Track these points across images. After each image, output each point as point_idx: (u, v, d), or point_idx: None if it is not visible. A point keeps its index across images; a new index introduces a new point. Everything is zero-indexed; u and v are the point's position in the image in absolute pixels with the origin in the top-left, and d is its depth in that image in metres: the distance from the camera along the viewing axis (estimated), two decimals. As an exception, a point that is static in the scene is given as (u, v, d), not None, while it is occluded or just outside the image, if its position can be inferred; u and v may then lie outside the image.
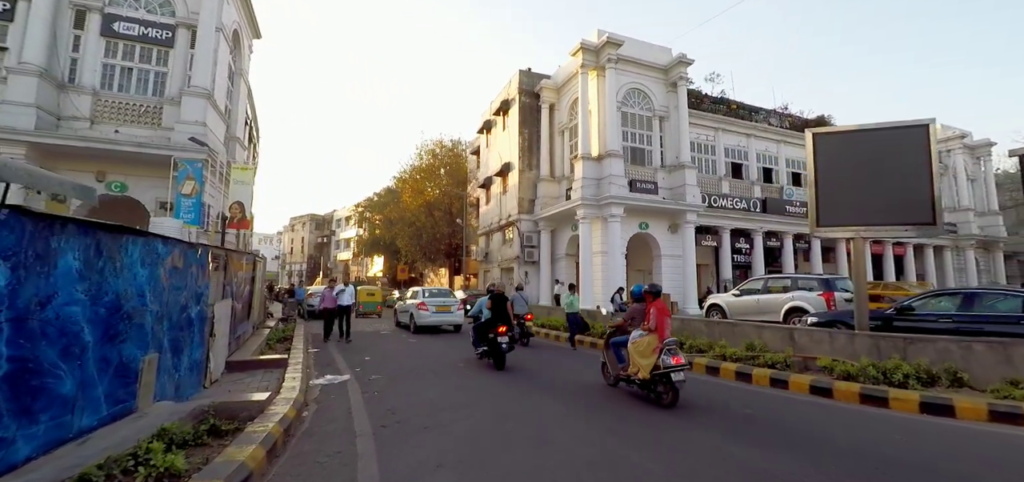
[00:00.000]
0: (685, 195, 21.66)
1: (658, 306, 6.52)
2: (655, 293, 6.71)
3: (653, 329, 6.40)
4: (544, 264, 24.55)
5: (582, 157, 21.05)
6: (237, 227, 13.02)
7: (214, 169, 14.22)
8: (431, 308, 15.05)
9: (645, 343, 6.41)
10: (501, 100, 27.91)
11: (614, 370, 7.14)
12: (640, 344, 6.48)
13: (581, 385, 7.40)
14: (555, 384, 7.46)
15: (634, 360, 6.52)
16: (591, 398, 6.62)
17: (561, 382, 7.63)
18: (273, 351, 9.10)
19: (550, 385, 7.37)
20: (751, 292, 13.95)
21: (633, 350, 6.59)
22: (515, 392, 6.86)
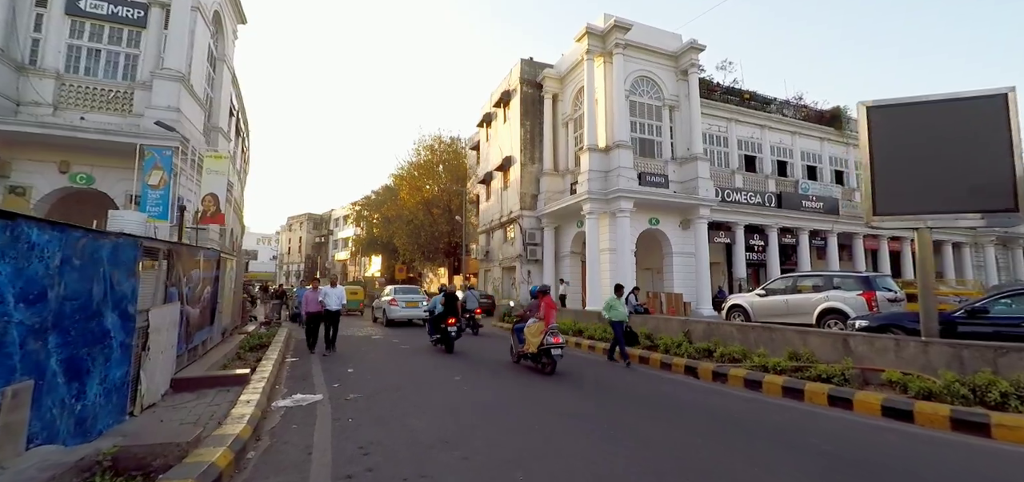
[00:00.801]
0: (697, 189, 20.39)
1: (547, 301, 8.95)
2: (544, 291, 9.39)
3: (541, 318, 8.77)
4: (548, 262, 23.30)
5: (588, 149, 19.79)
6: (210, 222, 11.76)
7: (188, 158, 12.96)
8: (401, 304, 16.80)
9: (536, 328, 8.71)
10: (501, 91, 26.66)
11: (516, 349, 9.29)
12: (532, 328, 8.80)
13: (501, 362, 9.74)
14: (485, 360, 10.21)
15: (528, 340, 8.74)
16: (505, 369, 8.98)
17: (489, 360, 10.18)
18: (240, 363, 7.86)
19: (482, 361, 10.11)
20: (778, 292, 12.69)
21: (527, 332, 8.84)
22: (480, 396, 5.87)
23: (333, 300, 10.51)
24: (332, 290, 10.74)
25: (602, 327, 12.33)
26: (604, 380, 8.00)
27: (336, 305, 10.52)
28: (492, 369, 8.90)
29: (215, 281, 7.78)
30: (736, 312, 13.72)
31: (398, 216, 36.06)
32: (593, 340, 11.87)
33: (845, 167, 27.75)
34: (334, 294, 10.65)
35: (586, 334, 12.43)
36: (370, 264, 54.12)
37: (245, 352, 8.84)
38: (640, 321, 11.61)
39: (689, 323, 10.37)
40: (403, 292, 17.30)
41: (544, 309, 8.80)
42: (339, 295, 11.37)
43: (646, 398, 6.65)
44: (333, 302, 10.50)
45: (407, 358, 10.08)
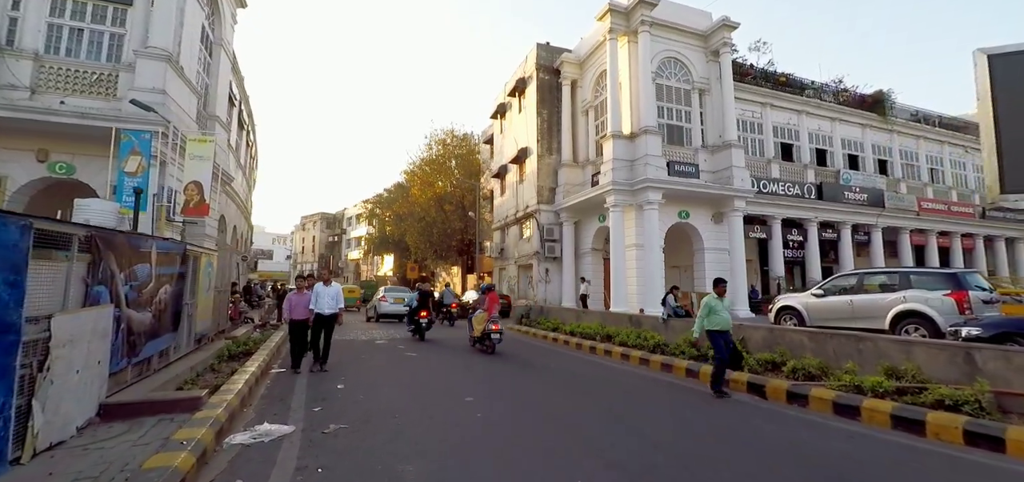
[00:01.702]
0: (732, 179, 18.65)
1: (491, 297, 11.21)
2: (489, 288, 11.67)
3: (486, 310, 11.06)
4: (567, 260, 21.75)
5: (612, 135, 18.18)
6: (193, 213, 10.53)
7: (177, 145, 11.75)
8: (389, 300, 19.62)
9: (480, 317, 11.12)
10: (516, 79, 25.18)
11: (471, 336, 11.46)
12: (478, 318, 11.23)
13: (462, 346, 11.74)
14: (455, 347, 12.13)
15: (475, 327, 11.28)
16: (464, 351, 11.04)
17: (457, 346, 12.21)
18: (212, 376, 6.53)
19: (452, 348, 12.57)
20: (840, 291, 10.97)
21: (474, 321, 11.37)
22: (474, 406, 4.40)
23: (326, 302, 7.98)
24: (325, 289, 8.05)
25: (635, 332, 10.78)
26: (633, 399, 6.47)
27: (330, 309, 8.04)
28: (454, 351, 11.20)
29: (180, 279, 6.46)
30: (787, 315, 12.03)
31: (409, 213, 34.85)
32: (626, 347, 10.33)
33: (889, 156, 25.62)
34: (328, 294, 8.04)
35: (617, 340, 10.88)
36: (382, 263, 53.16)
37: (221, 362, 7.52)
38: (681, 327, 10.03)
39: (743, 329, 8.77)
40: (392, 291, 20.51)
41: (488, 303, 11.17)
42: (334, 295, 9.65)
43: (708, 431, 5.12)
44: (326, 305, 7.98)
45: (410, 367, 8.69)
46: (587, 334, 11.93)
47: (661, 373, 8.51)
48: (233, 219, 20.63)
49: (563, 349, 11.70)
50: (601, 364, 9.50)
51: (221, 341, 9.26)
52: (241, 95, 21.75)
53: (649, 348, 9.69)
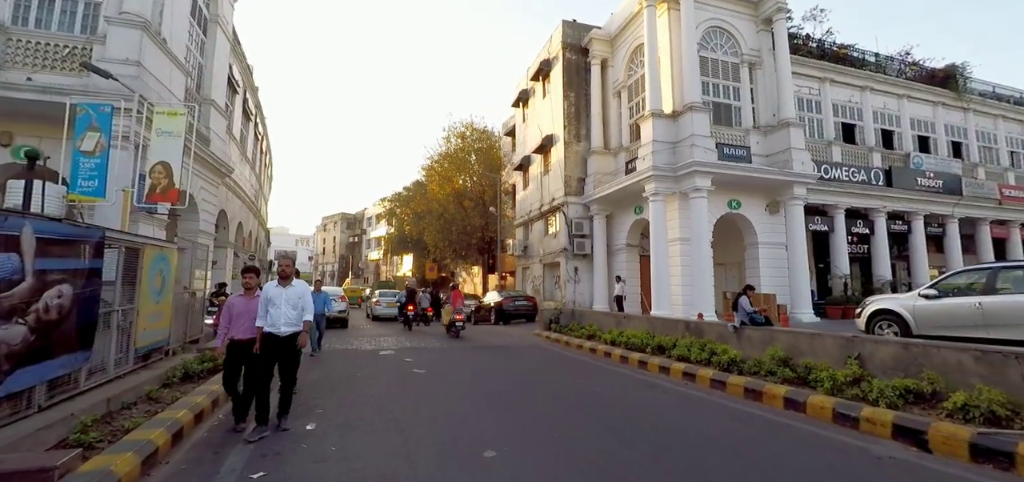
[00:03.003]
0: (791, 162, 16.20)
1: (455, 294, 14.23)
2: (454, 286, 15.57)
3: (452, 304, 13.90)
4: (598, 257, 19.60)
5: (652, 114, 15.96)
6: (159, 199, 8.86)
7: (152, 124, 10.13)
8: (383, 303, 20.46)
9: (449, 309, 13.98)
10: (540, 62, 23.14)
11: (445, 324, 14.42)
12: (446, 310, 14.55)
13: (439, 333, 14.51)
14: (435, 334, 14.91)
15: (444, 317, 14.65)
16: (440, 336, 13.76)
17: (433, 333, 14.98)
18: (131, 413, 4.74)
19: (431, 334, 14.89)
20: (964, 292, 8.56)
21: (444, 312, 15.08)
22: None
23: (285, 314, 4.80)
24: (284, 292, 4.84)
25: (696, 343, 8.62)
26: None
27: (291, 325, 4.83)
28: (437, 335, 14.18)
29: (91, 277, 4.69)
30: (882, 322, 9.66)
31: (428, 211, 33.17)
32: (688, 363, 8.19)
33: (964, 137, 22.59)
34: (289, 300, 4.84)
35: (675, 353, 8.74)
36: (401, 263, 51.85)
37: (164, 388, 5.72)
38: (760, 338, 7.83)
39: (856, 342, 6.54)
40: (384, 295, 21.69)
41: (454, 299, 13.88)
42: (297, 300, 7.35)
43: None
44: (285, 318, 4.80)
45: (416, 394, 6.78)
46: (633, 345, 9.81)
47: (746, 402, 6.36)
48: (237, 215, 19.21)
49: (603, 363, 9.60)
50: (657, 385, 7.38)
51: (190, 353, 7.51)
52: (246, 83, 20.35)
53: (722, 366, 7.54)
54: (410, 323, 15.53)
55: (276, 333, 4.77)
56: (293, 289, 4.92)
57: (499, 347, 11.74)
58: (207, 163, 14.15)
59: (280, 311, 4.80)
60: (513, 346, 12.00)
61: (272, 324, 4.77)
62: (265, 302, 4.83)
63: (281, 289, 4.87)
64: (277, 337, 4.78)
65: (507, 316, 18.26)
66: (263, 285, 5.07)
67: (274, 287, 4.89)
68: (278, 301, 4.81)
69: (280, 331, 4.77)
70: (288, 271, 4.94)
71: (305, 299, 4.98)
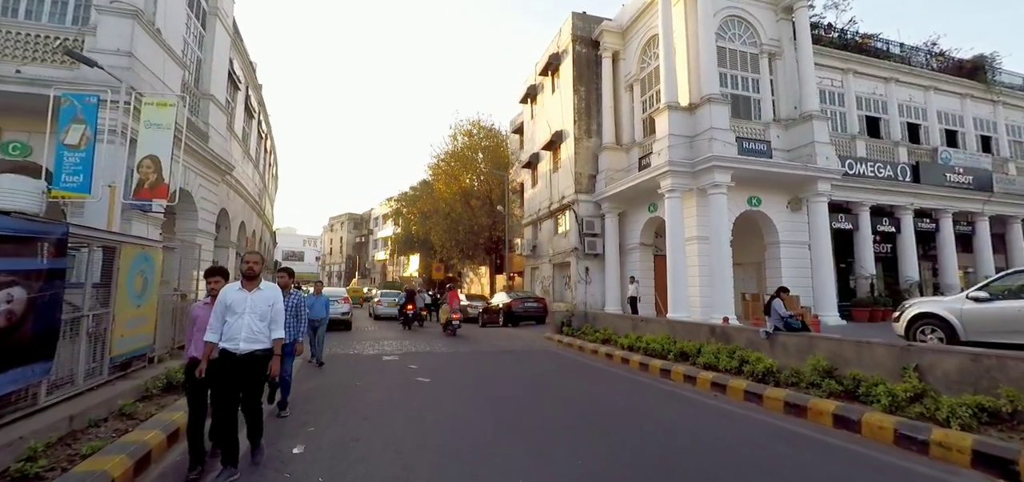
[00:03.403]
0: (814, 156, 15.41)
1: (452, 295, 15.24)
2: (451, 288, 17.06)
3: (449, 304, 14.74)
4: (610, 257, 18.91)
5: (668, 107, 15.25)
6: (147, 195, 8.33)
7: (134, 113, 9.59)
8: (384, 302, 21.26)
9: (446, 309, 14.76)
10: (549, 56, 22.48)
11: (442, 323, 15.37)
12: (444, 310, 15.20)
13: (436, 332, 15.39)
14: (431, 333, 15.67)
15: (442, 316, 15.52)
16: (445, 339, 13.64)
17: (433, 333, 15.66)
18: (96, 431, 4.18)
19: (433, 335, 15.23)
20: (1020, 294, 7.82)
21: (441, 312, 15.78)
22: None
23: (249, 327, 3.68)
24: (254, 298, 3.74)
25: (724, 350, 7.92)
26: None
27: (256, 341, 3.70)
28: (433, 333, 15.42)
29: (51, 278, 4.13)
30: (925, 327, 8.92)
31: (434, 210, 32.61)
32: (717, 371, 7.52)
33: (993, 131, 21.60)
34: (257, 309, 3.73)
35: (700, 361, 8.07)
36: (408, 264, 51.41)
37: (141, 402, 5.16)
38: (797, 346, 7.12)
39: (913, 352, 5.83)
40: (386, 295, 22.36)
41: (450, 300, 14.84)
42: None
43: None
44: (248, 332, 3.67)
45: (420, 404, 6.18)
46: (654, 351, 9.13)
47: (787, 418, 5.68)
48: (239, 214, 18.75)
49: (621, 370, 8.94)
50: (684, 397, 6.72)
51: (178, 360, 6.96)
52: (248, 80, 19.90)
53: (756, 376, 6.85)
54: (409, 323, 16.33)
55: (233, 351, 3.61)
56: (261, 294, 3.74)
57: (508, 352, 11.11)
58: (206, 160, 13.68)
59: (241, 322, 3.62)
60: (523, 350, 11.37)
61: (229, 338, 3.61)
62: (221, 309, 3.67)
63: (244, 294, 3.70)
64: (234, 356, 3.61)
65: (516, 318, 17.63)
66: None
67: (235, 290, 3.72)
68: (239, 308, 3.65)
69: (238, 348, 3.61)
70: (254, 270, 3.77)
71: (276, 308, 3.79)
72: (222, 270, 4.23)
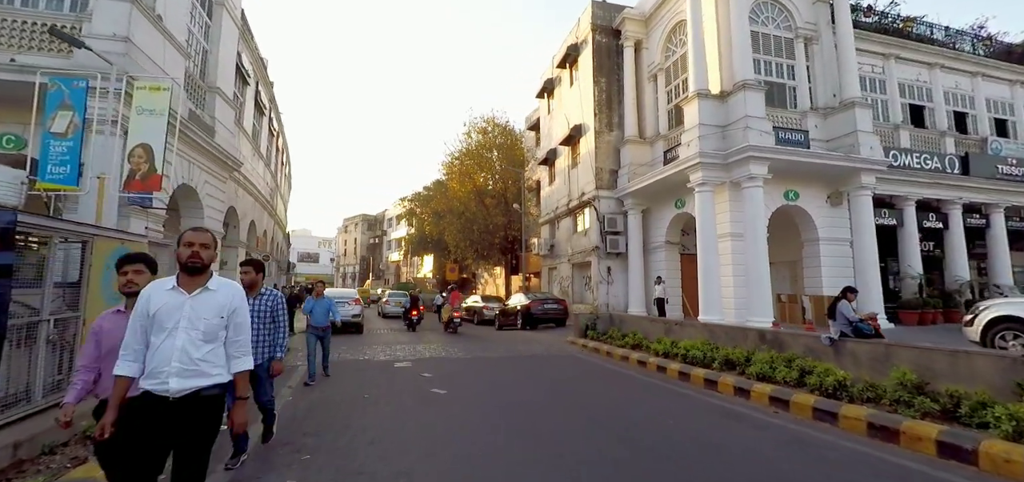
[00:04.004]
0: (857, 146, 14.27)
1: (454, 295, 16.48)
2: (452, 289, 17.83)
3: (450, 304, 15.84)
4: (633, 256, 17.93)
5: (698, 95, 14.24)
6: (139, 188, 7.66)
7: (125, 98, 8.95)
8: (392, 302, 23.35)
9: (448, 308, 15.85)
10: (567, 47, 21.58)
11: (442, 322, 16.67)
12: (445, 309, 16.27)
13: (436, 329, 16.76)
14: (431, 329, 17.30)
15: (443, 316, 16.48)
16: (438, 331, 16.00)
17: (432, 328, 17.25)
18: (80, 449, 3.50)
19: (428, 330, 16.96)
20: None
21: (443, 312, 16.82)
22: None
23: (193, 354, 2.24)
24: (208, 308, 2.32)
25: (780, 358, 6.96)
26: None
27: (194, 378, 2.23)
28: (433, 330, 16.82)
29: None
30: (1006, 332, 7.84)
31: (448, 210, 31.92)
32: (773, 384, 6.57)
33: (1046, 120, 20.07)
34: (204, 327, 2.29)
35: (752, 371, 7.12)
36: (421, 264, 50.89)
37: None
38: (871, 355, 6.14)
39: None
40: (394, 295, 24.02)
41: (452, 299, 16.07)
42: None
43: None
44: (189, 365, 2.22)
45: (432, 421, 5.38)
46: (694, 358, 8.19)
47: (873, 442, 4.73)
48: (248, 213, 18.22)
49: (657, 379, 8.02)
50: (739, 414, 5.79)
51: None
52: (259, 75, 19.40)
53: (824, 391, 5.89)
54: (413, 325, 16.84)
55: (161, 393, 2.17)
56: (210, 298, 2.34)
57: (530, 357, 10.26)
58: (212, 155, 13.09)
59: (173, 345, 2.20)
60: (545, 356, 10.51)
61: (153, 373, 2.19)
62: (139, 325, 2.25)
63: (181, 296, 2.28)
64: (163, 401, 2.17)
65: (535, 320, 16.75)
66: None
67: (165, 291, 2.30)
68: (171, 322, 2.22)
69: (167, 389, 2.17)
70: (200, 259, 2.33)
71: (237, 321, 2.41)
72: (146, 259, 2.86)
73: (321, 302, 7.53)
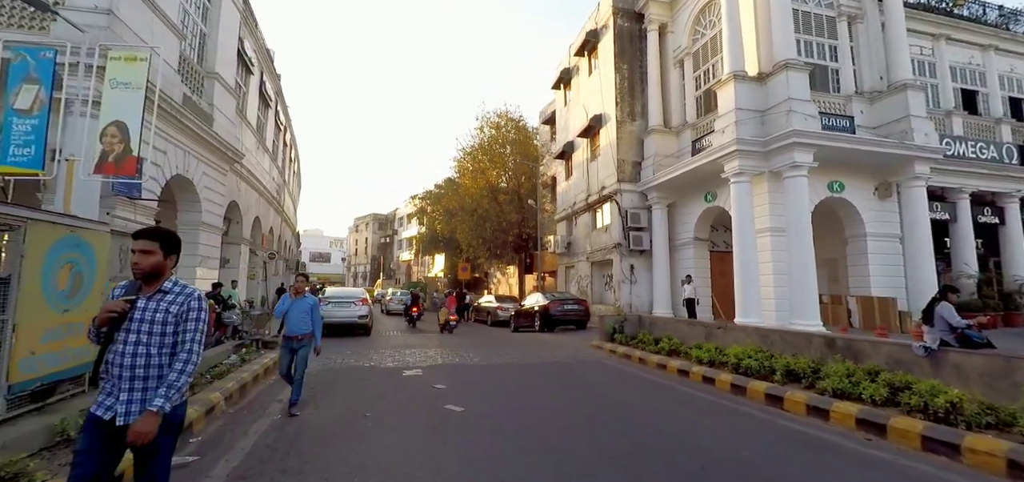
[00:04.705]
0: (911, 132, 12.97)
1: (450, 299, 16.74)
2: (449, 294, 19.13)
3: (447, 307, 16.10)
4: (658, 254, 16.77)
5: (734, 77, 13.04)
6: (112, 171, 6.73)
7: (97, 72, 8.06)
8: (394, 300, 26.59)
9: (445, 310, 16.05)
10: (586, 34, 20.48)
11: (439, 322, 16.39)
12: (442, 312, 16.25)
13: (433, 329, 16.51)
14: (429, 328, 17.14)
15: (440, 318, 16.30)
16: (435, 332, 15.82)
17: (430, 328, 17.00)
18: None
19: (427, 329, 17.03)
20: None
21: (440, 314, 16.43)
22: None
23: None
24: None
25: (859, 371, 5.81)
26: None
27: None
28: (431, 330, 16.56)
29: None
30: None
31: (460, 207, 30.93)
32: (859, 403, 5.44)
33: (1109, 107, 18.45)
34: None
35: (823, 387, 5.97)
36: (432, 264, 50.06)
37: (25, 461, 3.46)
38: (985, 370, 4.98)
39: None
40: (395, 294, 26.18)
41: (449, 303, 16.46)
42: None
43: None
44: None
45: (448, 453, 4.35)
46: (749, 369, 7.04)
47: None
48: (253, 208, 17.42)
49: (706, 393, 6.90)
50: (821, 441, 4.69)
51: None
52: (264, 65, 18.59)
53: (932, 415, 4.73)
54: (413, 321, 17.79)
55: None
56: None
57: (554, 365, 9.20)
58: (211, 145, 12.27)
59: None
60: (571, 362, 9.43)
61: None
62: None
63: None
64: None
65: (554, 322, 15.64)
66: None
67: None
68: None
69: None
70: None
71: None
72: None
73: (300, 302, 5.55)
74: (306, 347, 5.51)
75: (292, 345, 5.48)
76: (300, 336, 5.47)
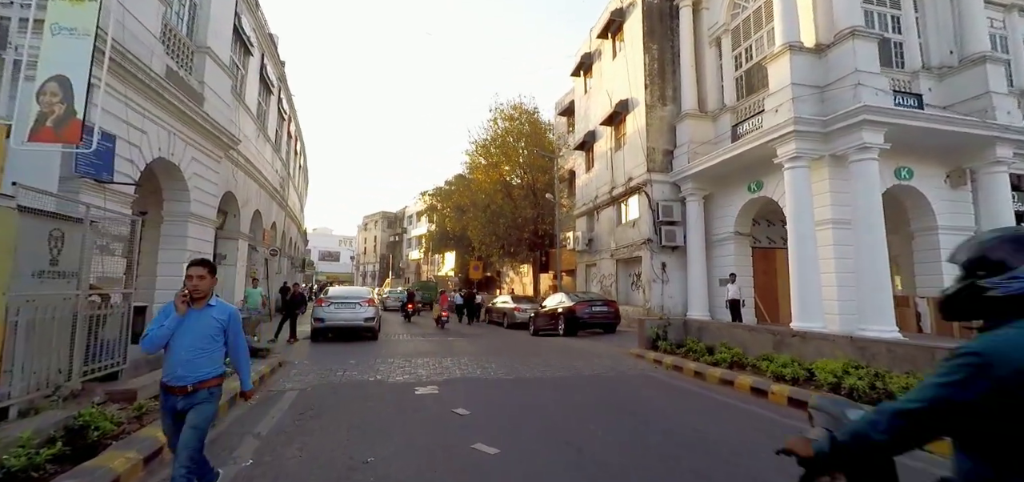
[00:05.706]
0: (992, 110, 11.35)
1: (443, 297, 18.33)
2: (442, 292, 21.76)
3: (440, 304, 17.52)
4: (693, 250, 15.24)
5: (788, 48, 11.48)
6: (50, 138, 5.38)
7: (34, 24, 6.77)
8: (392, 298, 28.61)
9: (437, 307, 17.96)
10: (610, 13, 18.98)
11: (434, 319, 18.22)
12: (436, 308, 18.77)
13: (431, 326, 17.64)
14: (425, 324, 18.71)
15: (434, 312, 19.16)
16: (431, 327, 17.06)
17: (427, 325, 18.36)
18: None
19: (423, 324, 18.83)
20: None
21: (434, 309, 20.59)
22: None
23: None
24: None
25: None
26: None
27: None
28: (427, 325, 18.46)
29: None
30: None
31: (472, 203, 29.54)
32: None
33: None
34: None
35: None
36: (443, 262, 48.78)
37: None
38: None
39: None
40: (393, 292, 27.69)
41: (442, 300, 17.82)
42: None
43: None
44: None
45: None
46: (858, 391, 5.54)
47: None
48: (252, 201, 16.18)
49: (797, 421, 5.41)
50: None
51: (60, 410, 4.00)
52: (265, 47, 17.34)
53: None
54: (409, 317, 19.73)
55: None
56: None
57: (595, 380, 7.75)
58: (201, 128, 11.02)
59: None
60: (614, 377, 7.98)
61: None
62: None
63: None
64: None
65: (579, 326, 14.15)
66: None
67: None
68: None
69: None
70: None
71: None
72: None
73: (198, 317, 2.87)
74: (206, 406, 2.85)
75: (176, 403, 2.84)
76: (192, 385, 2.81)
